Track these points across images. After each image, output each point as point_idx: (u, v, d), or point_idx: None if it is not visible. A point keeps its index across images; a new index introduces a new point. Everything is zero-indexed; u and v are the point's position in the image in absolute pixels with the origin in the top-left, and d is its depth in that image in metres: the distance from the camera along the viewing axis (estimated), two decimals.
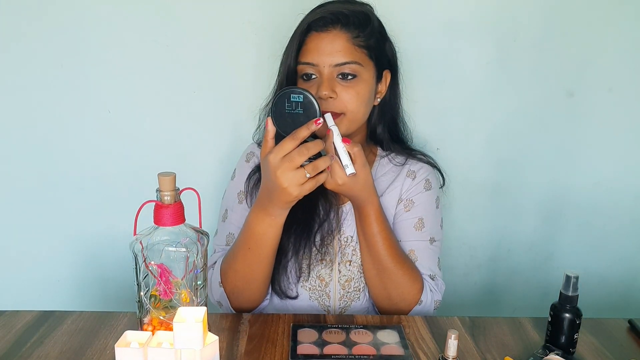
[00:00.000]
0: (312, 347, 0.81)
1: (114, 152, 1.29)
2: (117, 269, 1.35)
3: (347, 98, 0.93)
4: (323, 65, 0.93)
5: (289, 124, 0.84)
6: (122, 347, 0.63)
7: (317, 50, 0.93)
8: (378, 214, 0.94)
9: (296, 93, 0.83)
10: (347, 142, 0.86)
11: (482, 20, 1.23)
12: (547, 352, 0.81)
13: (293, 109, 0.84)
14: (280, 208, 0.87)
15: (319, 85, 0.93)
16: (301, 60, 0.95)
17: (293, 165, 0.81)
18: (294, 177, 0.81)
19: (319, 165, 0.83)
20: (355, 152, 0.86)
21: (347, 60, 0.93)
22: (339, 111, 0.94)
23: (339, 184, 0.87)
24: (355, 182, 0.88)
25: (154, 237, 0.71)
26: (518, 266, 1.43)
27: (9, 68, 1.23)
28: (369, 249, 0.96)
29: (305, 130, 0.82)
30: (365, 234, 0.96)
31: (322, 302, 1.03)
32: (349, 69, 0.93)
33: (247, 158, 1.07)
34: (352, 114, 0.95)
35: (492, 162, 1.34)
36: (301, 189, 0.82)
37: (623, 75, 1.29)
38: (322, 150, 0.84)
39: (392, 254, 0.95)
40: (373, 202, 0.94)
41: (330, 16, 0.93)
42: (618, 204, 1.38)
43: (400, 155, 1.08)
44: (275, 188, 0.83)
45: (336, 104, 0.93)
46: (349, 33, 0.93)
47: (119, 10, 1.20)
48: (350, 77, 0.94)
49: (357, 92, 0.94)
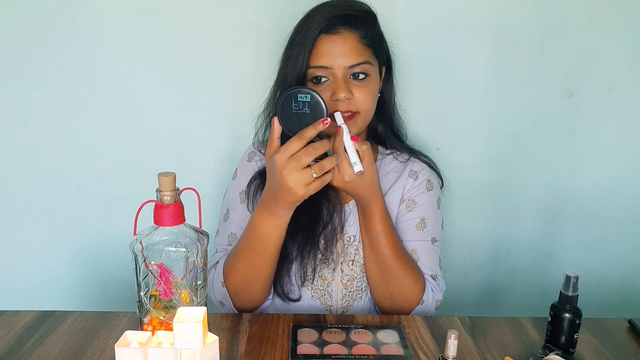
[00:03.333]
0: (312, 347, 0.81)
1: (114, 152, 1.29)
2: (117, 269, 1.35)
3: (362, 98, 0.93)
4: (337, 67, 0.92)
5: (295, 124, 0.84)
6: (122, 347, 0.62)
7: (329, 53, 0.92)
8: (383, 213, 0.94)
9: (303, 93, 0.83)
10: (355, 140, 0.86)
11: (482, 20, 1.23)
12: (547, 352, 0.81)
13: (300, 109, 0.84)
14: (285, 208, 0.87)
15: (334, 88, 0.92)
16: (312, 64, 0.94)
17: (300, 165, 0.81)
18: (301, 177, 0.81)
19: (325, 165, 0.83)
20: (363, 150, 0.86)
21: (360, 61, 0.93)
22: (355, 110, 0.94)
23: (346, 181, 0.86)
24: (362, 180, 0.88)
25: (154, 237, 0.71)
26: (518, 266, 1.43)
27: (9, 68, 1.23)
28: (373, 248, 0.96)
29: (312, 130, 0.82)
30: (369, 233, 0.96)
31: (324, 301, 1.03)
32: (361, 69, 0.93)
33: (248, 158, 1.07)
34: (365, 112, 0.95)
35: (492, 162, 1.34)
36: (307, 189, 0.82)
37: (623, 75, 1.29)
38: (328, 150, 0.84)
39: (395, 254, 0.95)
40: (378, 201, 0.94)
41: (340, 18, 0.93)
42: (618, 204, 1.38)
43: (404, 153, 1.09)
44: (281, 188, 0.83)
45: (351, 104, 0.93)
46: (357, 33, 0.93)
47: (118, 10, 1.20)
48: (362, 77, 0.94)
49: (370, 91, 0.95)
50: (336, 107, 0.91)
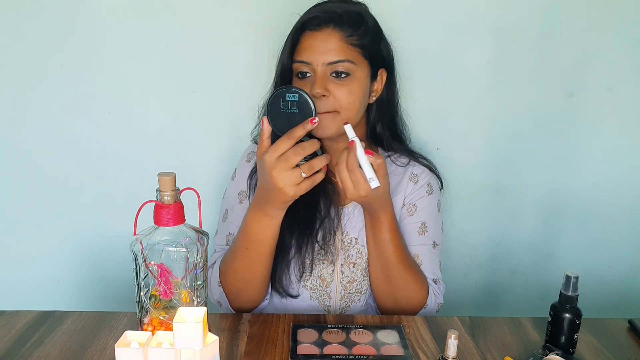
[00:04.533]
0: (312, 347, 0.81)
1: (114, 152, 1.29)
2: (117, 269, 1.35)
3: (340, 96, 0.93)
4: (317, 63, 0.93)
5: (284, 124, 0.84)
6: (122, 347, 0.62)
7: (310, 48, 0.93)
8: (391, 222, 0.94)
9: (291, 92, 0.83)
10: (370, 154, 0.85)
11: (482, 20, 1.23)
12: (547, 352, 0.81)
13: (289, 109, 0.84)
14: (277, 208, 0.87)
15: (312, 83, 0.93)
16: (296, 59, 0.95)
17: (289, 165, 0.81)
18: (290, 177, 0.81)
19: (315, 165, 0.83)
20: (378, 164, 0.85)
21: (340, 58, 0.93)
22: (332, 109, 0.93)
23: (362, 195, 0.86)
24: (375, 192, 0.87)
25: (154, 237, 0.71)
26: (518, 266, 1.42)
27: (9, 68, 1.23)
28: (379, 255, 0.96)
29: (300, 130, 0.82)
30: (377, 241, 0.96)
31: (322, 302, 1.03)
32: (342, 67, 0.93)
33: (247, 158, 1.07)
34: (345, 112, 0.94)
35: (492, 162, 1.34)
36: (297, 189, 0.83)
37: (623, 75, 1.28)
38: (317, 150, 0.84)
39: (402, 261, 0.96)
40: (388, 210, 0.93)
41: (324, 15, 0.94)
42: (618, 204, 1.38)
43: (403, 156, 1.08)
44: (271, 188, 0.83)
45: (329, 102, 0.93)
46: (342, 32, 0.93)
47: (119, 10, 1.20)
48: (344, 76, 0.94)
49: (350, 91, 0.94)
50: (315, 104, 0.89)
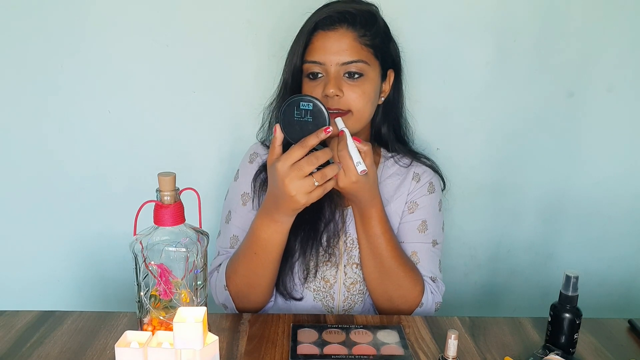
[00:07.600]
0: (312, 347, 0.81)
1: (114, 152, 1.29)
2: (117, 269, 1.35)
3: (354, 97, 0.93)
4: (330, 63, 0.92)
5: (297, 132, 0.84)
6: (122, 347, 0.62)
7: (323, 48, 0.93)
8: (381, 215, 0.94)
9: (305, 101, 0.83)
10: (358, 141, 0.86)
11: (482, 21, 1.23)
12: (547, 352, 0.81)
13: (302, 117, 0.83)
14: (286, 215, 0.87)
15: (325, 83, 0.93)
16: (307, 59, 0.95)
17: (302, 173, 0.80)
18: (302, 186, 0.81)
19: (327, 174, 0.82)
20: (365, 151, 0.86)
21: (354, 59, 0.92)
22: (345, 109, 0.93)
23: (353, 181, 0.86)
24: (366, 181, 0.87)
25: (154, 237, 0.71)
26: (518, 266, 1.43)
27: (9, 68, 1.23)
28: (372, 251, 0.96)
29: (314, 139, 0.81)
30: (369, 236, 0.95)
31: (326, 303, 1.03)
32: (355, 67, 0.93)
33: (250, 159, 1.07)
34: (358, 112, 0.94)
35: (492, 162, 1.34)
36: (309, 197, 0.82)
37: (623, 75, 1.28)
38: (330, 158, 0.83)
39: (394, 256, 0.95)
40: (377, 203, 0.93)
41: (337, 15, 0.93)
42: (618, 204, 1.38)
43: (405, 157, 1.08)
44: (282, 195, 0.83)
45: (342, 103, 0.93)
46: (355, 32, 0.93)
47: (118, 10, 1.20)
48: (357, 76, 0.93)
49: (364, 91, 0.94)
50: (326, 103, 0.90)
